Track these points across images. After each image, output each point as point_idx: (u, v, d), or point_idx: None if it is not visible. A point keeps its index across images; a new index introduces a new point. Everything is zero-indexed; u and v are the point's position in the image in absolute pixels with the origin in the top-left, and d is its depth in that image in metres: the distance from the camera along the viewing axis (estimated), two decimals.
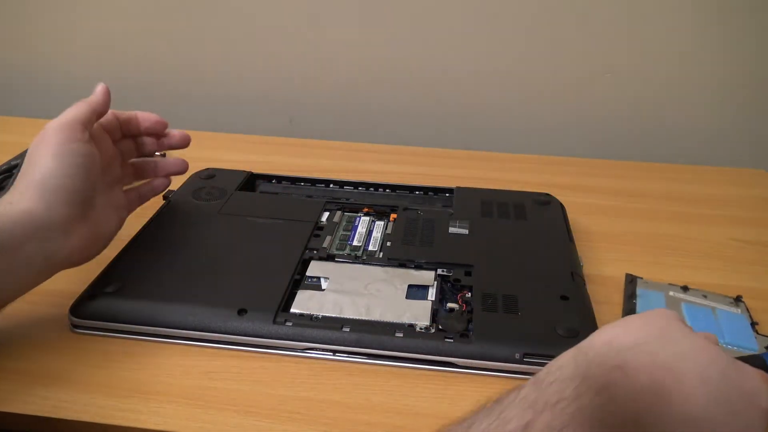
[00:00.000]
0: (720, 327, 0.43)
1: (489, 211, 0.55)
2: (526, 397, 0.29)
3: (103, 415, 0.36)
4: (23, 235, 0.37)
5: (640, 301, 0.46)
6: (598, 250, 0.54)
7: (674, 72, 0.75)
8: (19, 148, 0.61)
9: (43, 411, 0.37)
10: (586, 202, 0.62)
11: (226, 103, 0.86)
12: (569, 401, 0.28)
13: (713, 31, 0.72)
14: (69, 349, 0.41)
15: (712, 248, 0.55)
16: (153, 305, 0.42)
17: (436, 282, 0.46)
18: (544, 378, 0.29)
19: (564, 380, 0.28)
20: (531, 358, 0.39)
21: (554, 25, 0.74)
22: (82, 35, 0.85)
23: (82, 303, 0.43)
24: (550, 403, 0.28)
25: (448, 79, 0.80)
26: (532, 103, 0.79)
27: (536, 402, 0.28)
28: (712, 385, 0.27)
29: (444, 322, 0.42)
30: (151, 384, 0.39)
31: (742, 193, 0.65)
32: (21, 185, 0.40)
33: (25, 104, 0.90)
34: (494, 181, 0.65)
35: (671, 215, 0.60)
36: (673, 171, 0.70)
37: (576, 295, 0.44)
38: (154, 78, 0.86)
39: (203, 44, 0.83)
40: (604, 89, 0.77)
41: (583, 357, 0.29)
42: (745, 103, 0.76)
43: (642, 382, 0.27)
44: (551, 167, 0.70)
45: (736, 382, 0.27)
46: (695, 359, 0.27)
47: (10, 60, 0.88)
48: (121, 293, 0.43)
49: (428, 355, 0.40)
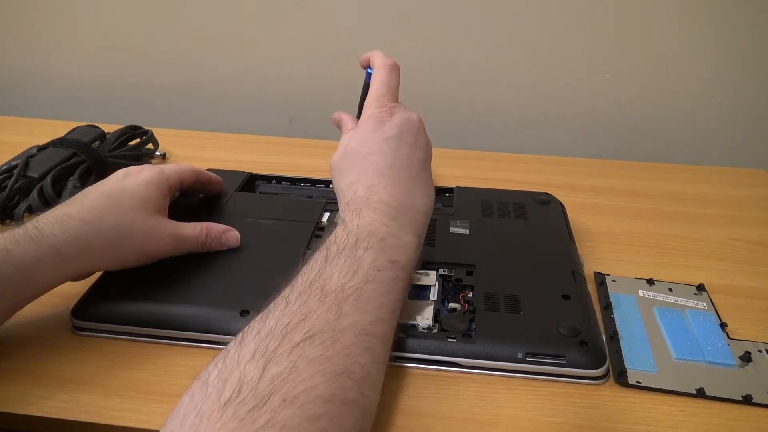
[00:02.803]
0: (693, 332, 0.43)
1: (489, 210, 0.55)
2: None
3: (104, 416, 0.36)
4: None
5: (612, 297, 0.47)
6: (598, 249, 0.54)
7: (674, 72, 0.75)
8: (19, 148, 0.61)
9: (43, 411, 0.36)
10: (586, 202, 0.62)
11: (226, 103, 0.86)
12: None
13: (713, 30, 0.72)
14: (70, 350, 0.41)
15: (712, 248, 0.55)
16: (155, 307, 0.42)
17: (438, 282, 0.46)
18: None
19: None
20: (534, 358, 0.39)
21: (554, 24, 0.75)
22: (82, 36, 0.85)
23: (84, 305, 0.43)
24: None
25: (448, 79, 0.80)
26: (532, 103, 0.80)
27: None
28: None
29: (446, 322, 0.42)
30: (152, 384, 0.39)
31: (742, 193, 0.65)
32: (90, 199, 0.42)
33: (25, 104, 0.90)
34: (494, 181, 0.65)
35: (671, 215, 0.60)
36: (673, 171, 0.70)
37: (577, 294, 0.44)
38: (154, 78, 0.86)
39: (203, 45, 0.83)
40: (604, 89, 0.77)
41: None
42: (744, 103, 0.76)
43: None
44: (551, 167, 0.70)
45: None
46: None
47: (10, 60, 0.88)
48: (123, 295, 0.43)
49: (431, 355, 0.40)
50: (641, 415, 0.37)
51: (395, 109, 0.44)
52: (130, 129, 0.67)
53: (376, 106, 0.44)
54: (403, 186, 0.41)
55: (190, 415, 0.27)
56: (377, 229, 0.38)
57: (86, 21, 0.84)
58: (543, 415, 0.37)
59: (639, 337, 0.43)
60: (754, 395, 0.38)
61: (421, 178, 0.43)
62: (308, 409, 0.27)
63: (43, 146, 0.61)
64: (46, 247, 0.38)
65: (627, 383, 0.39)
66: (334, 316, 0.32)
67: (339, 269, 0.35)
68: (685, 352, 0.41)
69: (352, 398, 0.30)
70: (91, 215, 0.40)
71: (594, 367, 0.39)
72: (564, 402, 0.38)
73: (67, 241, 0.39)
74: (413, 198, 0.42)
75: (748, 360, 0.41)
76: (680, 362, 0.41)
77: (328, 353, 0.30)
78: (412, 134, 0.44)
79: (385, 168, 0.41)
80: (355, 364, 0.31)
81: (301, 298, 0.33)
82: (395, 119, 0.44)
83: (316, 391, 0.28)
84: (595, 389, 0.39)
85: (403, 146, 0.43)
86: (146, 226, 0.43)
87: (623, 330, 0.43)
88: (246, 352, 0.29)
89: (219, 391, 0.27)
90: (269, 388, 0.27)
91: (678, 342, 0.42)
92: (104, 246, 0.41)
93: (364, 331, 0.33)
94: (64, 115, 0.82)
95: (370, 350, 0.33)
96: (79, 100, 0.89)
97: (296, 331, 0.30)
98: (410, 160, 0.43)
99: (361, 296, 0.34)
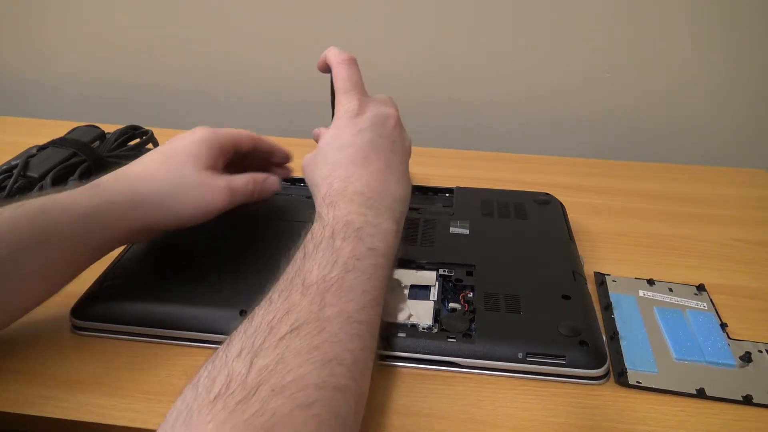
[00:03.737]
0: (693, 332, 0.43)
1: (489, 210, 0.55)
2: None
3: (104, 415, 0.36)
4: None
5: (612, 297, 0.47)
6: (598, 250, 0.54)
7: (674, 72, 0.75)
8: (19, 148, 0.61)
9: (44, 411, 0.36)
10: (586, 202, 0.62)
11: (226, 104, 0.86)
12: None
13: (713, 30, 0.72)
14: (70, 350, 0.41)
15: (712, 248, 0.55)
16: (154, 306, 0.42)
17: (438, 282, 0.46)
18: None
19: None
20: (534, 358, 0.39)
21: (554, 24, 0.75)
22: (83, 36, 0.85)
23: (84, 304, 0.43)
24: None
25: (448, 79, 0.80)
26: (532, 103, 0.80)
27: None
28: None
29: (446, 322, 0.42)
30: (152, 384, 0.39)
31: (742, 193, 0.65)
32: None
33: (25, 104, 0.90)
34: (494, 181, 0.65)
35: (671, 215, 0.60)
36: (673, 171, 0.70)
37: (577, 294, 0.44)
38: (154, 79, 0.86)
39: (203, 45, 0.83)
40: (604, 89, 0.77)
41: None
42: (744, 103, 0.76)
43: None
44: (551, 167, 0.70)
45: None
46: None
47: (11, 60, 0.88)
48: (123, 295, 0.43)
49: (431, 355, 0.40)
50: (641, 416, 0.37)
51: (367, 103, 0.45)
52: (130, 129, 0.67)
53: (346, 101, 0.44)
54: (378, 176, 0.42)
55: (182, 413, 0.27)
56: (354, 219, 0.38)
57: (86, 21, 0.84)
58: (543, 415, 0.37)
59: (639, 338, 0.43)
60: (754, 395, 0.38)
61: (395, 167, 0.44)
62: (299, 397, 0.27)
63: (43, 146, 0.60)
64: (104, 200, 0.40)
65: (627, 383, 0.39)
66: (318, 307, 0.32)
67: (318, 262, 0.35)
68: (686, 352, 0.41)
69: (345, 384, 0.30)
70: (144, 171, 0.43)
71: (594, 367, 0.39)
72: (564, 402, 0.38)
73: (123, 194, 0.41)
74: (388, 186, 0.42)
75: (749, 360, 0.41)
76: (680, 362, 0.41)
77: (316, 342, 0.30)
78: (387, 127, 0.44)
79: (359, 159, 0.42)
80: (345, 351, 0.31)
81: (283, 295, 0.33)
82: (368, 113, 0.44)
83: (307, 379, 0.28)
84: (595, 389, 0.39)
85: (376, 138, 0.43)
86: (198, 179, 0.44)
87: (623, 330, 0.43)
88: (233, 351, 0.29)
89: (208, 389, 0.27)
90: (257, 380, 0.27)
91: (678, 342, 0.42)
92: (158, 199, 0.42)
93: (351, 318, 0.33)
94: (64, 115, 0.82)
95: (358, 336, 0.33)
96: (79, 100, 0.89)
97: (281, 325, 0.31)
98: (384, 151, 0.43)
99: (342, 285, 0.34)
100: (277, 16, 0.79)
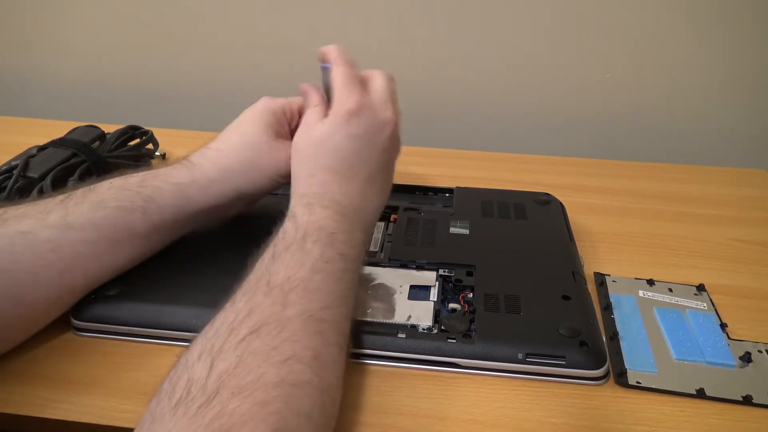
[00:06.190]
0: (693, 332, 0.44)
1: (489, 211, 0.55)
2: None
3: (105, 417, 0.36)
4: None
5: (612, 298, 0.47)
6: (598, 250, 0.54)
7: (674, 72, 0.75)
8: (19, 148, 0.61)
9: (44, 412, 0.36)
10: (586, 202, 0.62)
11: (226, 104, 0.85)
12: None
13: (713, 30, 0.72)
14: (71, 351, 0.41)
15: (712, 248, 0.55)
16: (155, 308, 0.42)
17: (438, 282, 0.46)
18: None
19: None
20: (534, 358, 0.39)
21: (554, 24, 0.75)
22: (83, 36, 0.85)
23: (85, 306, 0.43)
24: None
25: (448, 79, 0.80)
26: (532, 103, 0.80)
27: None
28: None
29: (446, 322, 0.42)
30: (153, 385, 0.38)
31: (742, 193, 0.65)
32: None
33: (25, 104, 0.90)
34: (494, 181, 0.65)
35: (671, 215, 0.60)
36: (673, 171, 0.70)
37: (577, 294, 0.44)
38: (154, 79, 0.86)
39: (203, 45, 0.83)
40: (604, 89, 0.77)
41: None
42: (744, 103, 0.76)
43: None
44: (551, 167, 0.70)
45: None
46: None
47: (11, 60, 0.88)
48: (124, 296, 0.43)
49: (431, 356, 0.40)
50: (641, 416, 0.37)
51: (365, 105, 0.44)
52: (130, 129, 0.67)
53: (346, 97, 0.43)
54: (358, 187, 0.42)
55: (146, 422, 0.27)
56: (327, 224, 0.39)
57: (86, 21, 0.84)
58: (543, 416, 0.37)
59: (639, 338, 0.43)
60: (754, 396, 0.38)
61: (378, 178, 0.44)
62: (257, 396, 0.28)
63: (43, 146, 0.60)
64: (196, 170, 0.45)
65: (627, 384, 0.39)
66: (280, 307, 0.32)
67: (286, 264, 0.35)
68: (685, 352, 0.41)
69: (305, 379, 0.30)
70: (222, 144, 0.47)
71: (594, 368, 0.39)
72: (564, 402, 0.38)
73: (210, 166, 0.45)
74: (366, 200, 0.43)
75: (748, 360, 0.41)
76: (680, 363, 0.41)
77: (275, 342, 0.31)
78: (382, 136, 0.44)
79: (344, 167, 0.42)
80: (304, 348, 0.31)
81: (247, 295, 0.33)
82: (365, 117, 0.43)
83: (264, 378, 0.29)
84: (595, 390, 0.39)
85: (366, 146, 0.43)
86: (269, 146, 0.46)
87: (623, 330, 0.43)
88: (193, 355, 0.30)
89: (169, 395, 0.28)
90: (217, 384, 0.28)
91: (678, 342, 0.42)
92: (238, 167, 0.45)
93: (313, 317, 0.33)
94: (64, 115, 0.82)
95: (319, 333, 0.33)
96: (79, 100, 0.89)
97: (241, 327, 0.31)
98: (371, 160, 0.43)
99: (308, 286, 0.34)
100: (277, 16, 0.79)
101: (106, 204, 0.41)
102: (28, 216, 0.39)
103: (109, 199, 0.41)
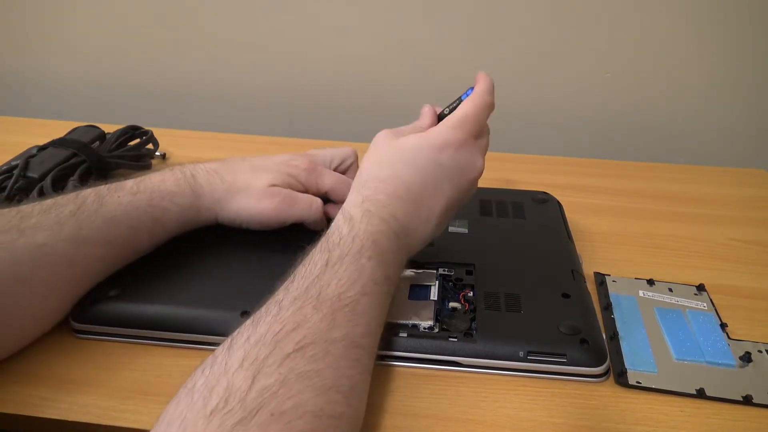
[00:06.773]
0: (693, 332, 0.44)
1: (488, 209, 0.55)
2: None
3: (105, 417, 0.36)
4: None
5: (612, 297, 0.47)
6: (597, 250, 0.54)
7: (674, 72, 0.75)
8: (19, 148, 0.61)
9: (44, 413, 0.36)
10: (586, 202, 0.62)
11: (226, 103, 0.86)
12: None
13: (713, 30, 0.72)
14: (71, 353, 0.41)
15: (712, 248, 0.55)
16: (155, 309, 0.42)
17: (438, 281, 0.46)
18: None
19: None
20: (535, 356, 0.39)
21: (554, 24, 0.75)
22: (83, 36, 0.85)
23: (84, 307, 0.43)
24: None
25: (448, 79, 0.80)
26: (531, 103, 0.80)
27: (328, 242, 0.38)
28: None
29: (447, 321, 0.42)
30: (153, 385, 0.39)
31: (742, 193, 0.65)
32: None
33: (25, 104, 0.90)
34: (493, 180, 0.65)
35: (671, 215, 0.60)
36: (673, 171, 0.70)
37: (577, 292, 0.44)
38: (154, 79, 0.86)
39: (203, 46, 0.83)
40: (604, 89, 0.77)
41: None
42: (745, 103, 0.76)
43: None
44: (551, 167, 0.70)
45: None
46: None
47: (10, 60, 0.88)
48: (123, 297, 0.43)
49: (432, 355, 0.40)
50: (641, 416, 0.37)
51: (467, 145, 0.43)
52: (130, 129, 0.67)
53: (456, 127, 0.42)
54: (422, 214, 0.41)
55: (174, 423, 0.26)
56: (381, 240, 0.38)
57: (86, 21, 0.84)
58: (543, 416, 0.37)
59: (639, 338, 0.43)
60: (754, 396, 0.38)
61: (440, 215, 0.42)
62: (296, 426, 0.27)
63: (43, 146, 0.60)
64: (200, 198, 0.47)
65: (627, 383, 0.39)
66: (327, 326, 0.32)
67: (339, 277, 0.35)
68: (685, 352, 0.41)
69: (341, 411, 0.30)
70: (229, 176, 0.48)
71: (595, 365, 0.39)
72: (564, 402, 0.38)
73: (211, 198, 0.47)
74: (422, 229, 0.42)
75: (748, 360, 0.41)
76: (680, 362, 0.41)
77: (318, 367, 0.30)
78: (464, 177, 0.43)
79: (418, 190, 0.41)
80: (343, 377, 0.31)
81: (296, 304, 0.33)
82: (461, 153, 0.42)
83: (305, 406, 0.28)
84: (595, 389, 0.39)
85: (445, 180, 0.42)
86: (257, 191, 0.47)
87: (623, 330, 0.43)
88: (234, 360, 0.29)
89: (205, 400, 0.27)
90: (258, 401, 0.27)
91: (678, 342, 0.42)
92: (230, 199, 0.47)
93: (354, 343, 0.33)
94: (64, 115, 0.82)
95: (358, 362, 0.33)
96: (79, 100, 0.89)
97: (287, 340, 0.30)
98: (443, 195, 0.42)
99: (356, 308, 0.34)
100: (277, 16, 0.79)
101: (118, 222, 0.42)
102: (42, 227, 0.39)
103: (120, 216, 0.43)
